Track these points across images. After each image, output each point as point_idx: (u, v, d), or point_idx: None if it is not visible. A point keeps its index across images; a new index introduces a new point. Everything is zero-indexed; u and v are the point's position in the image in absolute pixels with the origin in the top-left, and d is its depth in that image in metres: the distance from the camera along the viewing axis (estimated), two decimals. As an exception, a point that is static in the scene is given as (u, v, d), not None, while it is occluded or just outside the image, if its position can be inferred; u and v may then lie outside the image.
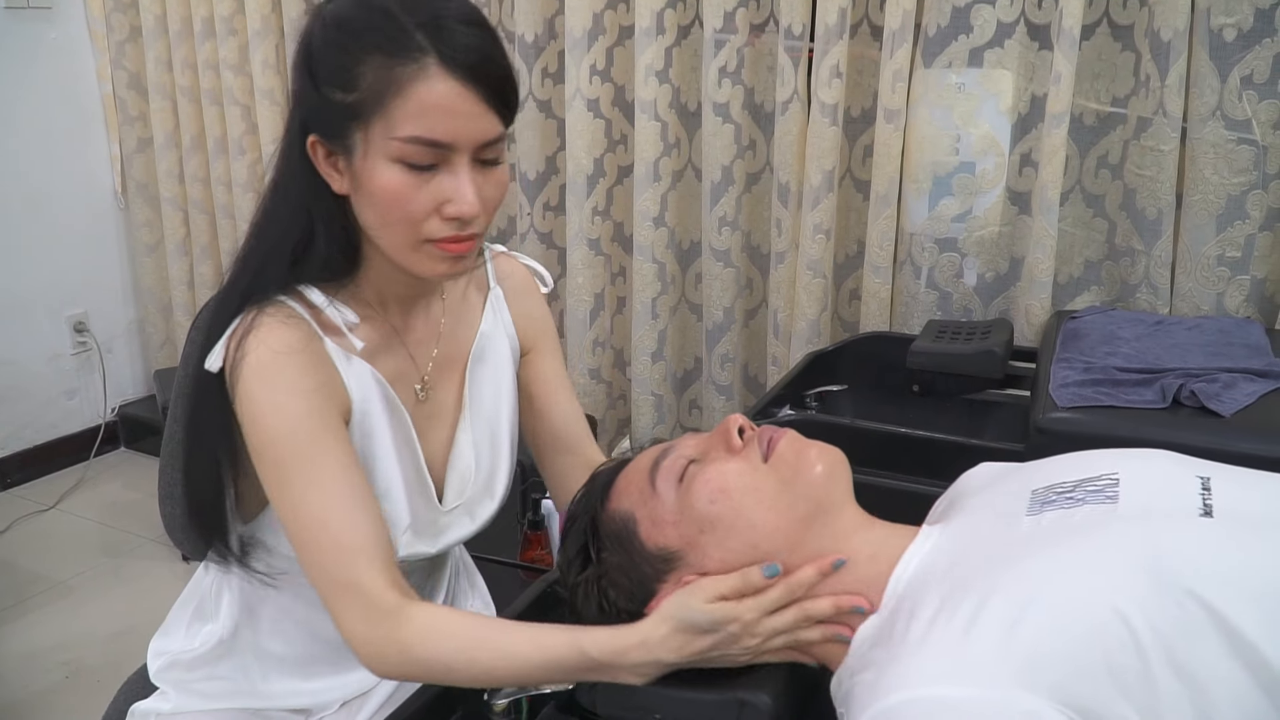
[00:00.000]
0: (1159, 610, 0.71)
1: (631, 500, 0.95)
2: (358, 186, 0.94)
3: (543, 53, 2.40)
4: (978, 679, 0.71)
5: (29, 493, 3.07)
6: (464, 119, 0.90)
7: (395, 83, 0.88)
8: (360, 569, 0.94)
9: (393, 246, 0.96)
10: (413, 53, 0.88)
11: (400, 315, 1.07)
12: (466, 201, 0.92)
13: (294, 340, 0.96)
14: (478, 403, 1.14)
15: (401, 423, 1.05)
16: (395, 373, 1.06)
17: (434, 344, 1.11)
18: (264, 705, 1.16)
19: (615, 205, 2.44)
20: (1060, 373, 1.43)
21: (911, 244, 2.03)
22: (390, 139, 0.90)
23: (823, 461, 0.93)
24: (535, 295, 1.21)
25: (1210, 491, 0.82)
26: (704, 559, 0.91)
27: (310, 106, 0.94)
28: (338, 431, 0.97)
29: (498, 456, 1.15)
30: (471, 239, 0.96)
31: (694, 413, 2.52)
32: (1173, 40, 1.71)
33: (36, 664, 2.26)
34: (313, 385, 0.96)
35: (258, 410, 0.95)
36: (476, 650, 0.93)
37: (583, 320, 2.46)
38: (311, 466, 0.95)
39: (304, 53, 0.94)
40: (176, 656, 1.18)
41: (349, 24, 0.91)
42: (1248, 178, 1.75)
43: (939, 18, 1.89)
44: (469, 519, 1.13)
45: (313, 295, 0.99)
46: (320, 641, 1.14)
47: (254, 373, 0.95)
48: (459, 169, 0.92)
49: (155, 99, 3.08)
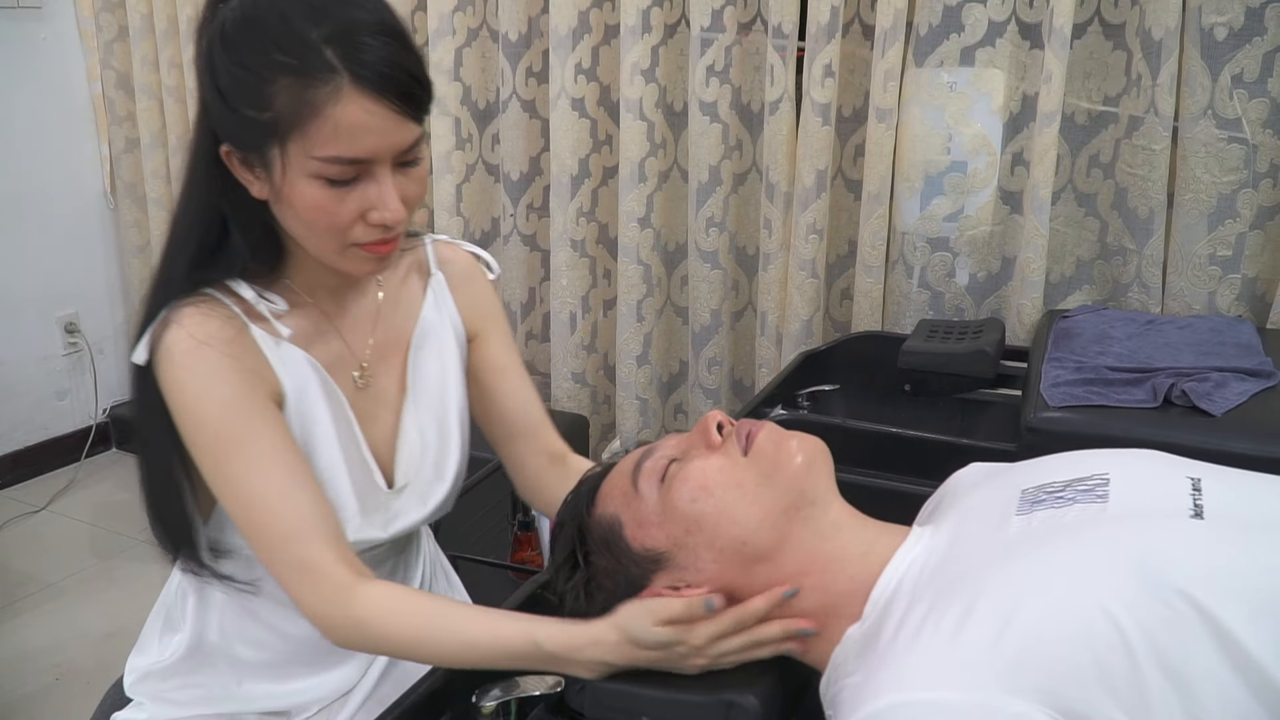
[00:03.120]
0: (1148, 611, 0.70)
1: (616, 503, 0.95)
2: (279, 198, 0.94)
3: (527, 51, 2.39)
4: (966, 683, 0.71)
5: (20, 494, 3.06)
6: (381, 134, 0.90)
7: (309, 105, 0.87)
8: (308, 547, 0.95)
9: (319, 251, 0.98)
10: (323, 73, 0.87)
11: (332, 303, 1.08)
12: (390, 209, 0.93)
13: (215, 329, 0.97)
14: (422, 387, 1.14)
15: (340, 408, 1.06)
16: (331, 359, 1.06)
17: (370, 330, 1.11)
18: (240, 709, 1.15)
19: (600, 206, 2.43)
20: (1052, 372, 1.43)
21: (903, 243, 2.03)
22: (309, 158, 0.89)
23: (803, 452, 0.93)
24: (479, 280, 1.21)
25: (1201, 492, 0.82)
26: (696, 559, 0.90)
27: (221, 120, 0.93)
28: (268, 414, 0.98)
29: (446, 439, 1.15)
30: (396, 239, 0.97)
31: (680, 417, 2.51)
32: (1164, 39, 1.71)
33: (27, 665, 2.26)
34: (238, 371, 0.97)
35: (185, 399, 0.96)
36: (432, 632, 0.95)
37: (567, 323, 2.45)
38: (245, 449, 0.96)
39: (207, 65, 0.92)
40: (150, 668, 1.18)
41: (252, 40, 0.89)
42: (1239, 176, 1.75)
43: (930, 17, 1.89)
44: (419, 502, 1.13)
45: (240, 289, 1.00)
46: (291, 641, 1.13)
47: (177, 362, 0.95)
48: (381, 177, 0.93)
49: (142, 99, 3.06)
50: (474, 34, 2.45)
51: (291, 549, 0.96)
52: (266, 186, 0.94)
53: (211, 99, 0.92)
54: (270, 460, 0.96)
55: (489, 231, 2.62)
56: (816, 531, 0.90)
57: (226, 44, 0.90)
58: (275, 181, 0.92)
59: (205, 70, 0.92)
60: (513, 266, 2.55)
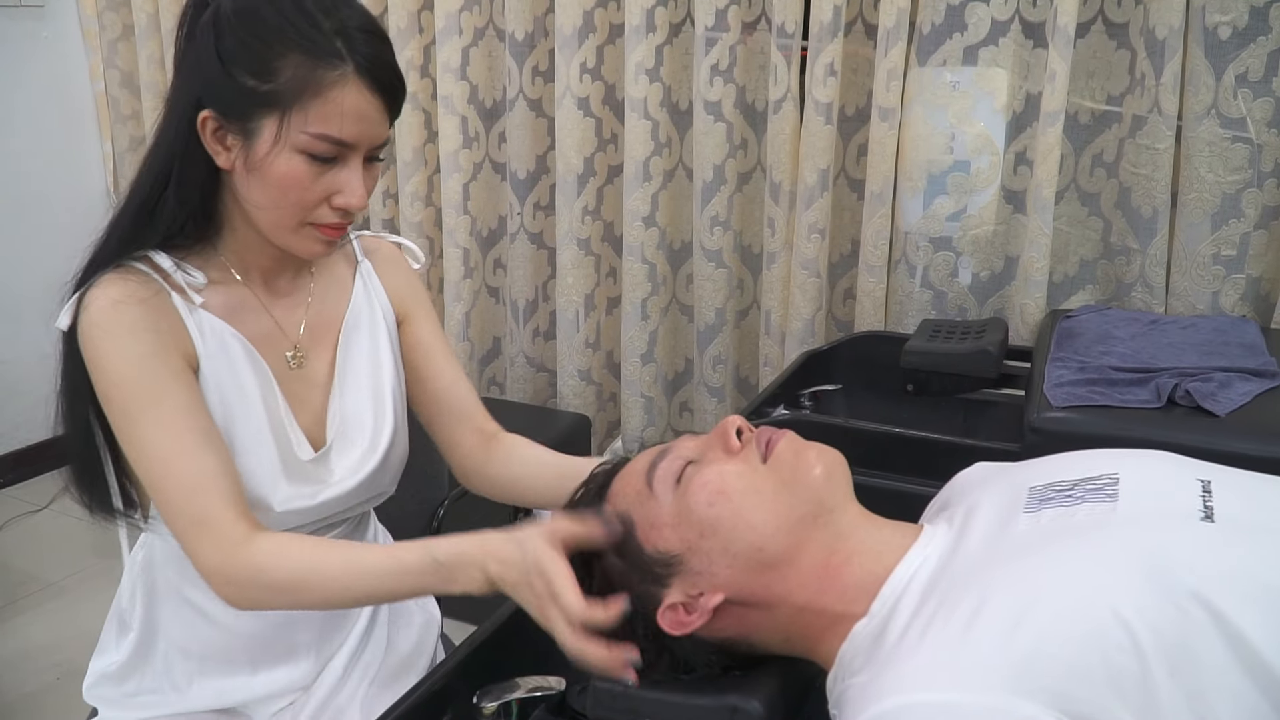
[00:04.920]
0: (1159, 613, 0.70)
1: (628, 502, 0.93)
2: (251, 167, 0.99)
3: (533, 51, 2.39)
4: (974, 684, 0.71)
5: (21, 493, 3.06)
6: (369, 124, 1.00)
7: (315, 84, 0.96)
8: (209, 503, 0.98)
9: (273, 225, 1.03)
10: (333, 59, 0.96)
11: (262, 283, 1.12)
12: (356, 195, 1.01)
13: (133, 290, 1.00)
14: (354, 366, 1.17)
15: (267, 381, 1.09)
16: (259, 335, 1.10)
17: (302, 313, 1.15)
18: (193, 708, 1.16)
19: (605, 205, 2.43)
20: (1055, 372, 1.43)
21: (906, 243, 2.03)
22: (301, 132, 0.97)
23: (822, 463, 0.92)
24: (404, 266, 1.26)
25: (1211, 494, 0.81)
26: (710, 564, 0.89)
27: (212, 83, 0.98)
28: (180, 375, 1.01)
29: (380, 416, 1.18)
30: (347, 226, 1.05)
31: (685, 415, 2.51)
32: (1168, 38, 1.71)
33: (28, 665, 2.26)
34: (152, 330, 1.00)
35: (99, 356, 0.99)
36: (329, 565, 0.98)
37: (573, 321, 2.45)
38: (154, 407, 0.99)
39: (211, 29, 0.97)
40: (104, 670, 1.19)
41: (268, 14, 0.96)
42: (1243, 176, 1.75)
43: (934, 16, 1.89)
44: (349, 473, 1.14)
45: (159, 259, 1.04)
46: (237, 637, 1.15)
47: (94, 322, 0.99)
48: (354, 165, 1.01)
49: (148, 98, 3.07)
50: (480, 33, 2.45)
51: (191, 504, 0.98)
52: (236, 157, 0.99)
53: (207, 62, 0.97)
54: (177, 419, 0.99)
55: (496, 230, 2.62)
56: (833, 533, 0.90)
57: (240, 12, 0.96)
58: (254, 151, 0.98)
59: (208, 34, 0.97)
60: (520, 264, 2.55)
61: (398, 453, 1.20)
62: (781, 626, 0.90)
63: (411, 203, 2.63)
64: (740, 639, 0.91)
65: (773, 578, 0.88)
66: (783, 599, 0.89)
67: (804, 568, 0.89)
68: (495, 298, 2.68)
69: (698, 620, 0.89)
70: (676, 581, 0.90)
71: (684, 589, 0.90)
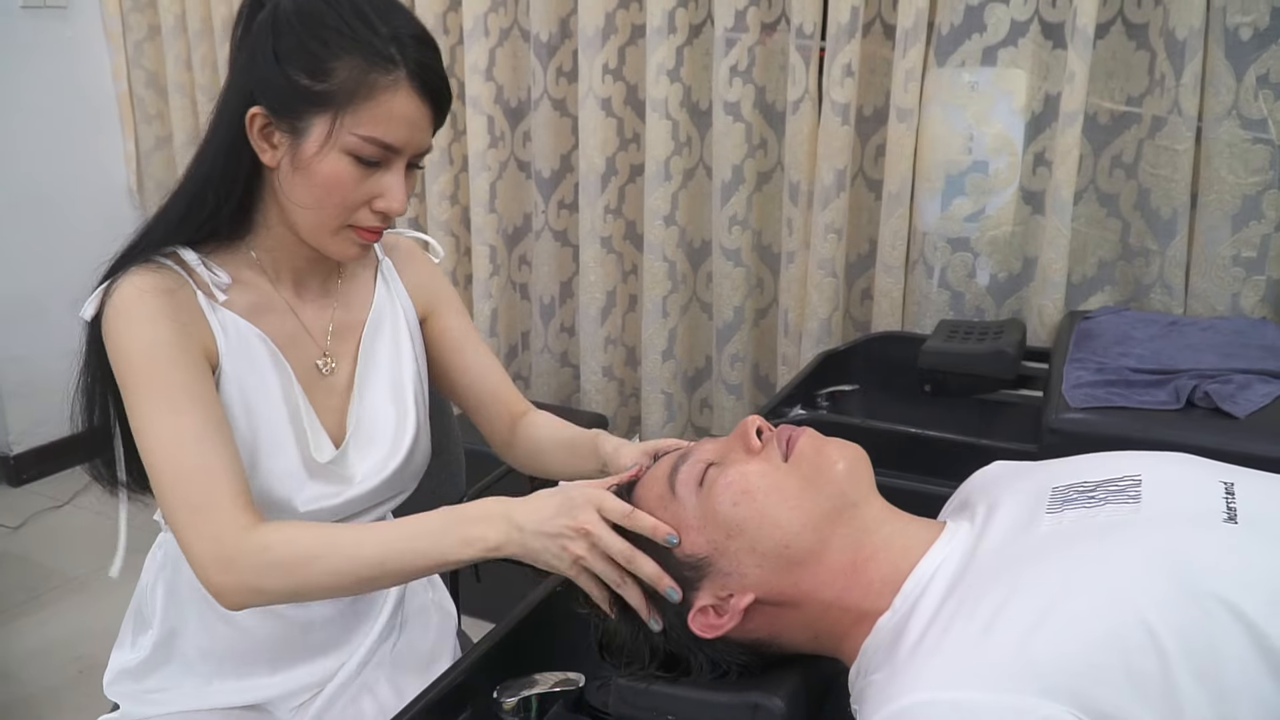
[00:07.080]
0: (1182, 615, 0.70)
1: (651, 507, 0.93)
2: (298, 166, 1.00)
3: (557, 51, 2.41)
4: (994, 683, 0.71)
5: (43, 489, 3.09)
6: (417, 131, 1.02)
7: (370, 87, 0.97)
8: (211, 491, 0.97)
9: (313, 225, 1.04)
10: (388, 64, 0.98)
11: (291, 285, 1.13)
12: (398, 200, 1.03)
13: (160, 282, 1.02)
14: (375, 366, 1.19)
15: (288, 382, 1.10)
16: (284, 336, 1.11)
17: (329, 316, 1.17)
18: (213, 705, 1.17)
19: (627, 203, 2.44)
20: (1073, 373, 1.43)
21: (924, 243, 2.03)
22: (351, 134, 0.98)
23: (844, 458, 0.92)
24: (424, 260, 1.28)
25: (1234, 496, 0.81)
26: (739, 565, 0.89)
27: (265, 80, 0.99)
28: (196, 366, 1.01)
29: (403, 415, 1.19)
30: (384, 229, 1.07)
31: (705, 411, 2.52)
32: (1188, 39, 1.71)
33: (49, 660, 2.28)
34: (174, 320, 1.01)
35: (119, 339, 1.00)
36: (337, 533, 0.97)
37: (595, 318, 2.47)
38: (169, 394, 0.99)
39: (270, 28, 0.98)
40: (124, 665, 1.20)
41: (329, 16, 0.98)
42: (1263, 177, 1.74)
43: (952, 16, 1.89)
44: (373, 471, 1.15)
45: (186, 255, 1.05)
46: (254, 637, 1.16)
47: (117, 309, 1.00)
48: (397, 170, 1.03)
49: (175, 97, 3.10)
50: (506, 34, 2.47)
51: (191, 490, 0.96)
52: (283, 155, 1.01)
53: (263, 60, 0.99)
54: (188, 407, 0.99)
55: (521, 227, 2.64)
56: (859, 528, 0.90)
57: (300, 13, 0.98)
58: (302, 150, 0.99)
59: (265, 33, 0.99)
60: (544, 261, 2.57)
61: (420, 452, 1.21)
62: (810, 624, 0.90)
63: (439, 201, 2.65)
64: (770, 639, 0.91)
65: (801, 575, 0.89)
66: (811, 596, 0.89)
67: (831, 564, 0.89)
68: (521, 294, 2.70)
69: (729, 622, 0.89)
70: (706, 584, 0.90)
71: (714, 591, 0.90)
